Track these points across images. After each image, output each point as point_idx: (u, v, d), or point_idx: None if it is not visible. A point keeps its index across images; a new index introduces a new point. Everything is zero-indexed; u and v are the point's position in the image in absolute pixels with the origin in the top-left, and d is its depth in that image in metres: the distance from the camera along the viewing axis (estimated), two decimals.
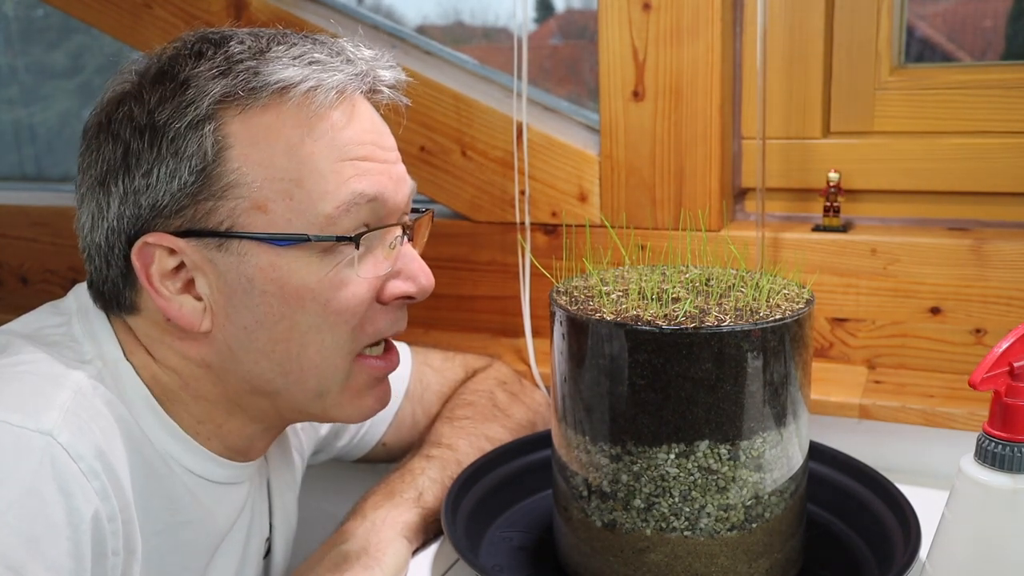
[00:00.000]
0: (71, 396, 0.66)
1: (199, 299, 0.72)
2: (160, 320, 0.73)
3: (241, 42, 0.72)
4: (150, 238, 0.70)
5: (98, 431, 0.66)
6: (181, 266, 0.71)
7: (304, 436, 0.95)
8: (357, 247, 0.71)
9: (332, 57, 0.73)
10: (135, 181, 0.71)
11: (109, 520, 0.65)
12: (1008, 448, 0.61)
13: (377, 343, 0.77)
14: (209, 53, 0.71)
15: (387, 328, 0.77)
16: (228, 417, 0.77)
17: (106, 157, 0.73)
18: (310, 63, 0.71)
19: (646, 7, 1.10)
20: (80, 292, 0.79)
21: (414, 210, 0.81)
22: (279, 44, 0.72)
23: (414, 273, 0.76)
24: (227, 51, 0.71)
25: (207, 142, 0.69)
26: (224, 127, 0.69)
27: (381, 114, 0.78)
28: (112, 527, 0.65)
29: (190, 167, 0.69)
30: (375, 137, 0.74)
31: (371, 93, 0.76)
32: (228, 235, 0.70)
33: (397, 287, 0.75)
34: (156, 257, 0.71)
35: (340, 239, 0.71)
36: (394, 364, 0.79)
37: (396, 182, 0.75)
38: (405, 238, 0.77)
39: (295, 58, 0.71)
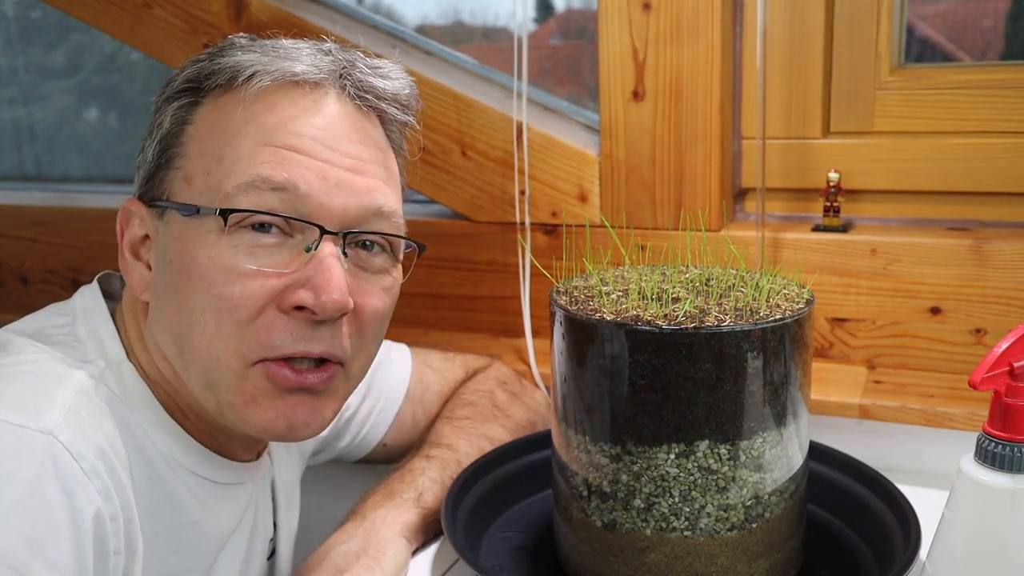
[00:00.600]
0: (73, 395, 0.66)
1: (150, 268, 0.74)
2: (134, 297, 0.76)
3: (251, 38, 0.75)
4: (128, 203, 0.75)
5: (100, 430, 0.66)
6: (148, 237, 0.75)
7: None
8: (226, 222, 0.68)
9: (302, 49, 0.73)
10: (141, 155, 0.77)
11: (111, 519, 0.65)
12: (1008, 448, 0.61)
13: (296, 358, 0.70)
14: (215, 47, 0.75)
15: (286, 343, 0.69)
16: (194, 412, 0.76)
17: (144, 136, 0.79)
18: (274, 51, 0.72)
19: (646, 7, 1.10)
20: (85, 293, 0.79)
21: (411, 242, 0.77)
22: (272, 41, 0.75)
23: (319, 285, 0.68)
24: (225, 43, 0.75)
25: (168, 117, 0.73)
26: (193, 106, 0.73)
27: (402, 132, 0.78)
28: (114, 526, 0.65)
29: (158, 139, 0.74)
30: (324, 135, 0.70)
31: (345, 94, 0.73)
32: (163, 204, 0.73)
33: (295, 295, 0.68)
34: (132, 224, 0.75)
35: (214, 211, 0.68)
36: (307, 381, 0.70)
37: (332, 185, 0.69)
38: (337, 250, 0.70)
39: (264, 47, 0.73)
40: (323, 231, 0.69)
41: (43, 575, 0.58)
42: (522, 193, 1.21)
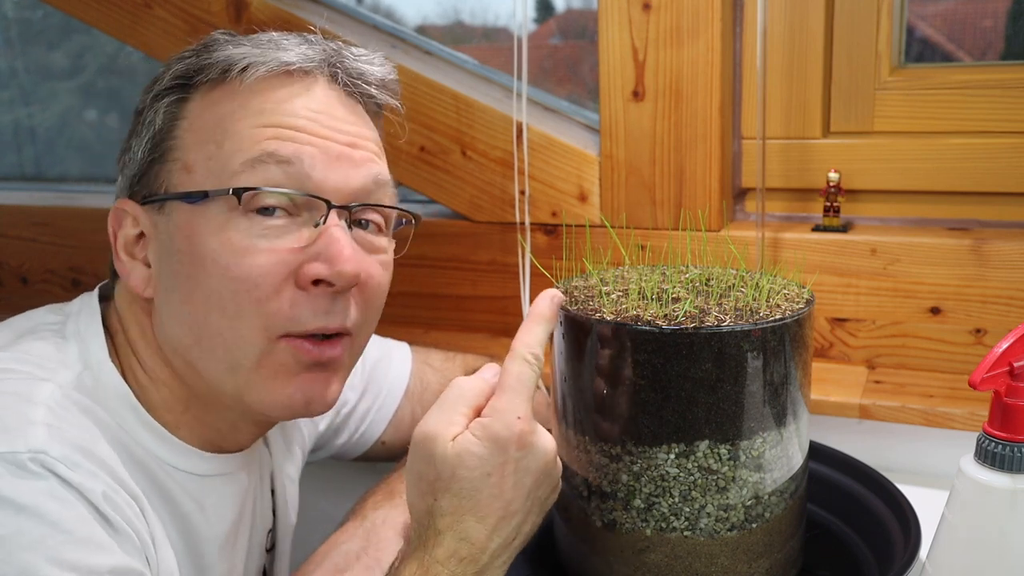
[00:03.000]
0: (46, 410, 0.66)
1: (148, 265, 0.75)
2: (130, 293, 0.76)
3: (230, 34, 0.76)
4: (119, 204, 0.76)
5: (85, 439, 0.66)
6: (143, 235, 0.75)
7: (305, 430, 0.96)
8: (239, 201, 0.69)
9: (290, 40, 0.75)
10: (126, 155, 0.77)
11: (127, 505, 0.66)
12: (1008, 448, 0.61)
13: (315, 336, 0.72)
14: (198, 44, 0.76)
15: (308, 318, 0.71)
16: (202, 410, 0.77)
17: (124, 139, 0.79)
18: (264, 43, 0.74)
19: (646, 7, 1.10)
20: (85, 297, 0.80)
21: (408, 217, 0.80)
22: (258, 35, 0.76)
23: (332, 256, 0.70)
24: (208, 40, 0.76)
25: (160, 114, 0.74)
26: (185, 103, 0.74)
27: (379, 117, 0.79)
28: (132, 511, 0.66)
29: (148, 136, 0.74)
30: (320, 116, 0.73)
31: (335, 81, 0.75)
32: (162, 197, 0.73)
33: (312, 268, 0.70)
34: (124, 224, 0.76)
35: (226, 191, 0.69)
36: (326, 354, 0.72)
37: (333, 159, 0.72)
38: (343, 223, 0.72)
39: (253, 40, 0.75)
40: (330, 205, 0.71)
41: (92, 558, 0.59)
42: (522, 193, 1.21)
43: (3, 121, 1.93)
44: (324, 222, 0.71)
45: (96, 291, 0.80)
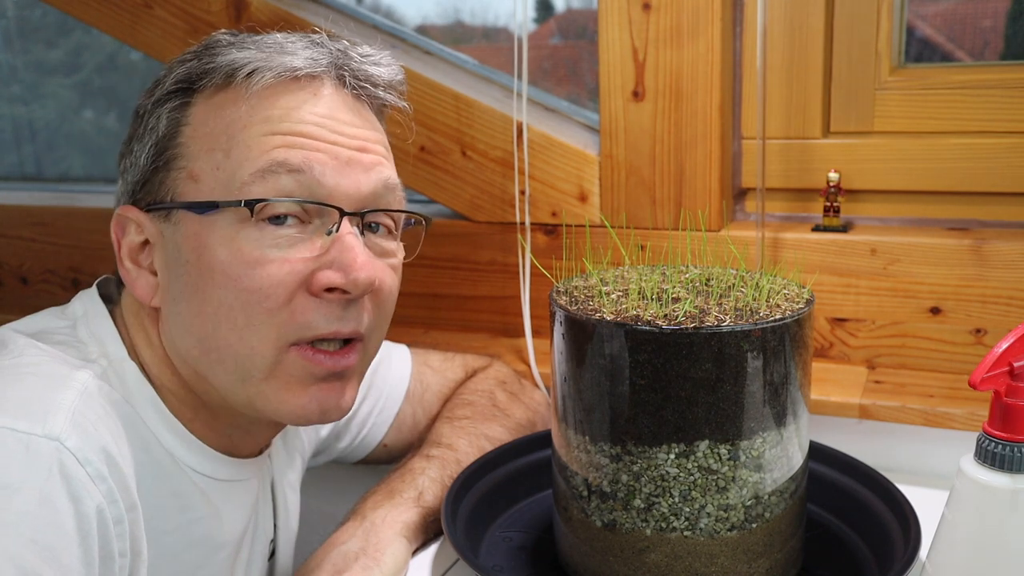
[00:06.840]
0: (77, 396, 0.66)
1: (154, 274, 0.74)
2: (136, 301, 0.76)
3: (232, 34, 0.75)
4: (122, 210, 0.74)
5: (105, 432, 0.66)
6: (147, 243, 0.74)
7: (305, 437, 0.96)
8: (252, 213, 0.69)
9: (296, 43, 0.74)
10: (127, 159, 0.76)
11: (115, 523, 0.65)
12: (1008, 448, 0.61)
13: (326, 340, 0.72)
14: (199, 46, 0.75)
15: (320, 323, 0.71)
16: (212, 416, 0.77)
17: (123, 141, 0.78)
18: (269, 47, 0.73)
19: (646, 7, 1.10)
20: (84, 298, 0.79)
21: (418, 219, 0.80)
22: (261, 36, 0.75)
23: (346, 264, 0.70)
24: (210, 41, 0.75)
25: (163, 119, 0.73)
26: (187, 107, 0.73)
27: (382, 115, 0.79)
28: (118, 530, 0.65)
29: (152, 141, 0.73)
30: (328, 122, 0.72)
31: (343, 85, 0.75)
32: (168, 205, 0.72)
33: (325, 276, 0.70)
34: (129, 231, 0.75)
35: (238, 203, 0.68)
36: (340, 364, 0.73)
37: (343, 164, 0.71)
38: (355, 229, 0.72)
39: (257, 43, 0.74)
40: (342, 213, 0.71)
41: (42, 568, 0.58)
42: (522, 193, 1.21)
43: (3, 120, 1.92)
44: (337, 230, 0.71)
45: (95, 291, 0.79)
